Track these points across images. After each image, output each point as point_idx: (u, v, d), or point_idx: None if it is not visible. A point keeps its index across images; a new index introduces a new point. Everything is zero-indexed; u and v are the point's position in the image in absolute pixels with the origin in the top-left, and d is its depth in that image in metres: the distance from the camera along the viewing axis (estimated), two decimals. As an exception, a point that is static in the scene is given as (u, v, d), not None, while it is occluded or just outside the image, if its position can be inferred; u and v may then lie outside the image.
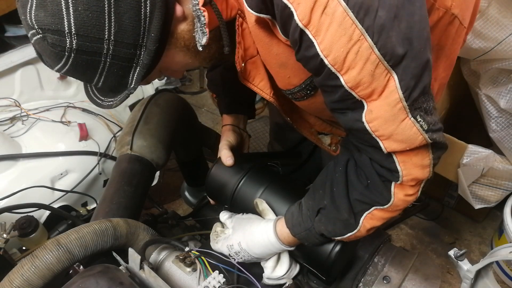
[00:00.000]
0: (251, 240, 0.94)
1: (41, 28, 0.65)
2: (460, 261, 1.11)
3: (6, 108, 1.64)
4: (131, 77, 0.73)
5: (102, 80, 0.73)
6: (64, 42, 0.65)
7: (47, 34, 0.65)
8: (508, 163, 1.86)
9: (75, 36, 0.65)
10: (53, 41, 0.66)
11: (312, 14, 0.62)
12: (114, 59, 0.69)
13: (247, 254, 0.95)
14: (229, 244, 0.96)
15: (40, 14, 0.64)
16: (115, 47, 0.68)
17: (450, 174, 2.04)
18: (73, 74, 0.73)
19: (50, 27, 0.64)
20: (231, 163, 1.06)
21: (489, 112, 1.87)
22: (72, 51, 0.66)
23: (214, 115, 2.91)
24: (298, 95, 0.87)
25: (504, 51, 1.67)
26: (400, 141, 0.70)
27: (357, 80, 0.65)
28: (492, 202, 1.97)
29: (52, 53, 0.67)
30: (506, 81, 1.79)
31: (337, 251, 0.90)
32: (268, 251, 0.94)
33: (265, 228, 0.94)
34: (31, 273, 0.79)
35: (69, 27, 0.64)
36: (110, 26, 0.65)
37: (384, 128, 0.69)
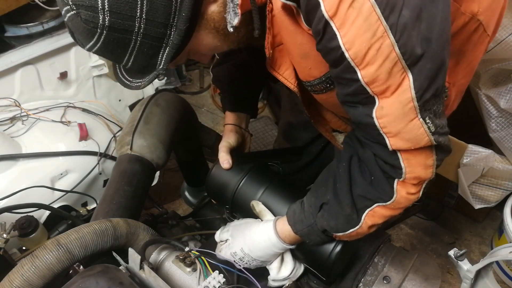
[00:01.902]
0: (252, 243, 0.95)
1: (75, 4, 0.65)
2: (460, 261, 1.11)
3: (6, 108, 1.64)
4: (160, 58, 0.73)
5: (131, 59, 0.73)
6: (97, 18, 0.65)
7: (80, 10, 0.66)
8: (508, 163, 1.86)
9: (108, 12, 0.65)
10: (86, 17, 0.66)
11: (340, 6, 0.62)
12: (144, 38, 0.69)
13: (251, 258, 0.96)
14: (232, 251, 0.98)
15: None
16: (146, 26, 0.68)
17: (450, 174, 2.04)
18: (103, 53, 0.73)
19: (84, 3, 0.65)
20: (228, 166, 1.06)
21: (489, 112, 1.87)
22: (105, 28, 0.67)
23: (214, 115, 2.90)
24: (317, 87, 0.86)
25: (504, 51, 1.66)
26: (406, 139, 0.71)
27: (374, 76, 0.65)
28: (492, 202, 1.97)
29: (85, 29, 0.68)
30: (506, 81, 1.79)
31: (337, 252, 0.90)
32: (270, 252, 0.94)
33: (265, 229, 0.94)
34: (31, 273, 0.79)
35: (103, 4, 0.64)
36: (143, 4, 0.65)
37: (393, 126, 0.70)
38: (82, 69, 1.88)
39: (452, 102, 0.92)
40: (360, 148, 0.80)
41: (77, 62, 1.86)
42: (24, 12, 2.14)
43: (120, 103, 2.06)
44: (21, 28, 2.16)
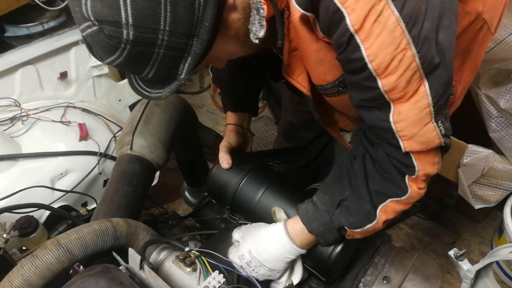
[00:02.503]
0: (260, 245, 0.93)
1: (97, 20, 0.64)
2: (460, 261, 1.11)
3: (6, 108, 1.64)
4: (181, 67, 0.72)
5: (153, 71, 0.72)
6: (121, 33, 0.65)
7: (104, 25, 0.64)
8: (508, 163, 1.86)
9: (132, 27, 0.64)
10: (110, 32, 0.65)
11: (365, 21, 0.64)
12: (167, 50, 0.68)
13: (258, 263, 0.92)
14: (239, 254, 0.95)
15: (96, 5, 0.63)
16: (169, 38, 0.67)
17: (450, 174, 2.04)
18: (124, 66, 0.72)
19: (107, 19, 0.64)
20: (227, 166, 1.06)
21: (489, 112, 1.87)
22: (128, 43, 0.66)
23: (214, 115, 2.90)
24: (330, 91, 0.88)
25: (504, 51, 1.66)
26: (420, 142, 0.74)
27: (394, 85, 0.69)
28: (492, 202, 1.97)
29: (108, 45, 0.67)
30: (506, 81, 1.79)
31: (338, 252, 0.91)
32: (279, 256, 0.91)
33: (274, 229, 0.93)
34: (31, 273, 0.79)
35: (126, 18, 0.63)
36: (166, 16, 0.64)
37: (409, 130, 0.73)
38: (82, 69, 1.88)
39: (457, 99, 0.95)
40: (371, 148, 0.82)
41: (77, 62, 1.86)
42: (24, 12, 2.14)
43: (120, 103, 2.06)
44: (21, 28, 2.16)
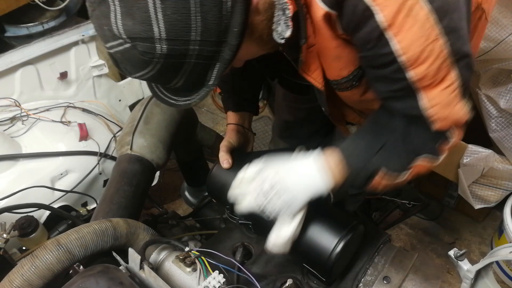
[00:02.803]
0: (292, 167, 0.87)
1: (130, 37, 0.64)
2: (460, 261, 1.11)
3: (6, 108, 1.64)
4: (210, 74, 0.72)
5: (182, 80, 0.72)
6: (154, 48, 0.64)
7: (137, 42, 0.64)
8: (508, 163, 1.86)
9: (164, 41, 0.64)
10: (143, 49, 0.64)
11: (397, 16, 0.66)
12: (198, 59, 0.68)
13: (284, 186, 0.84)
14: (263, 176, 0.87)
15: (128, 23, 0.63)
16: (200, 47, 0.66)
17: (450, 174, 2.04)
18: (154, 79, 0.72)
19: (140, 35, 0.63)
20: (227, 166, 1.06)
21: (489, 112, 1.87)
22: (162, 57, 0.65)
23: (214, 115, 2.91)
24: (343, 85, 0.90)
25: (504, 51, 1.66)
26: (452, 121, 0.78)
27: (423, 74, 0.72)
28: (492, 202, 1.97)
29: (140, 60, 0.67)
30: (506, 81, 1.79)
31: (338, 252, 0.90)
32: (307, 184, 0.85)
33: (309, 156, 0.88)
34: (31, 273, 0.79)
35: (159, 33, 0.63)
36: (197, 26, 0.64)
37: (441, 112, 0.76)
38: (82, 69, 1.88)
39: None
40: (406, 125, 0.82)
41: (77, 62, 1.86)
42: (24, 12, 2.15)
43: (120, 103, 2.06)
44: (21, 28, 2.17)
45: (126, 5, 0.62)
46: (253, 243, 1.09)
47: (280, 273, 1.03)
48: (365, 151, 0.87)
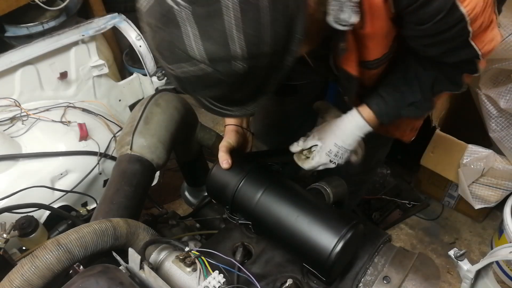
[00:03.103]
0: (344, 134, 1.04)
1: (209, 59, 0.64)
2: (460, 261, 1.11)
3: (6, 108, 1.64)
4: (271, 82, 0.73)
5: (246, 92, 0.72)
6: (234, 66, 0.65)
7: (215, 63, 0.64)
8: (508, 163, 1.86)
9: (244, 59, 0.64)
10: (223, 69, 0.65)
11: None
12: (266, 70, 0.69)
13: (344, 150, 1.05)
14: (326, 151, 1.05)
15: (206, 44, 0.63)
16: (271, 59, 0.67)
17: (450, 174, 2.04)
18: (222, 95, 0.73)
19: (219, 56, 0.63)
20: (227, 166, 1.06)
21: (489, 112, 1.87)
22: (239, 75, 0.66)
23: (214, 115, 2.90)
24: (380, 63, 0.98)
25: (504, 51, 1.66)
26: (493, 49, 0.91)
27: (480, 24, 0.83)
28: (492, 202, 1.98)
29: (218, 81, 0.67)
30: (506, 81, 1.79)
31: (337, 252, 0.90)
32: (357, 138, 1.05)
33: (352, 118, 1.05)
34: (31, 273, 0.79)
35: (235, 51, 0.63)
36: (269, 39, 0.65)
37: (488, 47, 0.89)
38: (82, 69, 1.88)
39: None
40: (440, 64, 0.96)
41: (77, 62, 1.86)
42: (24, 12, 2.15)
43: (120, 103, 2.06)
44: (21, 28, 2.17)
45: (201, 27, 0.62)
46: (253, 243, 1.09)
47: (280, 273, 1.03)
48: (394, 109, 1.04)
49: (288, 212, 0.98)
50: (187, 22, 0.62)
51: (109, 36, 2.46)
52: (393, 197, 2.38)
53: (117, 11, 1.98)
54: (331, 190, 1.17)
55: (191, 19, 0.62)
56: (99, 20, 1.90)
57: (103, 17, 1.91)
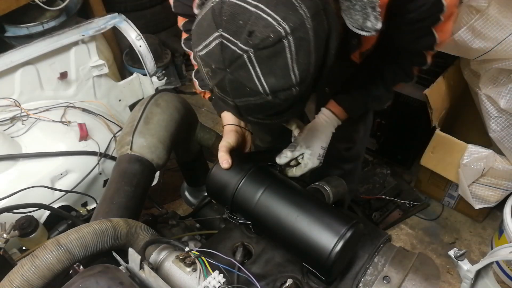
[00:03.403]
0: (327, 137, 1.14)
1: (273, 92, 0.73)
2: (460, 261, 1.11)
3: (6, 108, 1.64)
4: (308, 92, 0.82)
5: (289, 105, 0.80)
6: (292, 93, 0.74)
7: (279, 93, 0.73)
8: (508, 163, 1.86)
9: (298, 84, 0.74)
10: (285, 96, 0.74)
11: None
12: (308, 86, 0.78)
13: (326, 148, 1.15)
14: (317, 156, 1.13)
15: (271, 80, 0.72)
16: (312, 76, 0.76)
17: (450, 174, 2.04)
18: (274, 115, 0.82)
19: (282, 87, 0.73)
20: (227, 166, 1.06)
21: (489, 112, 1.87)
22: (295, 97, 0.76)
23: (214, 115, 2.90)
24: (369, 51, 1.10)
25: (504, 51, 1.66)
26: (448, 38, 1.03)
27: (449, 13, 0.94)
28: (492, 202, 1.98)
29: (276, 105, 0.76)
30: (506, 81, 1.79)
31: (337, 252, 0.90)
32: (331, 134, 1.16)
33: (328, 120, 1.15)
34: (31, 273, 0.79)
35: (296, 80, 0.73)
36: (314, 62, 0.74)
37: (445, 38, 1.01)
38: (82, 69, 1.88)
39: None
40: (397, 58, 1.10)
41: (77, 62, 1.86)
42: (24, 12, 2.15)
43: (120, 103, 2.06)
44: (21, 28, 2.17)
45: (267, 66, 0.71)
46: (253, 243, 1.09)
47: (280, 273, 1.03)
48: (361, 104, 1.16)
49: (288, 211, 0.98)
50: (254, 65, 0.70)
51: (109, 36, 2.46)
52: (393, 197, 2.38)
53: (117, 11, 1.98)
54: (331, 190, 1.17)
55: (257, 61, 0.70)
56: (99, 20, 1.90)
57: (103, 17, 1.91)
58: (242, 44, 0.69)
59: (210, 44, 0.72)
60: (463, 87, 2.13)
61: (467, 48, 1.77)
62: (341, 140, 1.26)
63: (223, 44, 0.70)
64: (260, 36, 0.68)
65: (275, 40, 0.68)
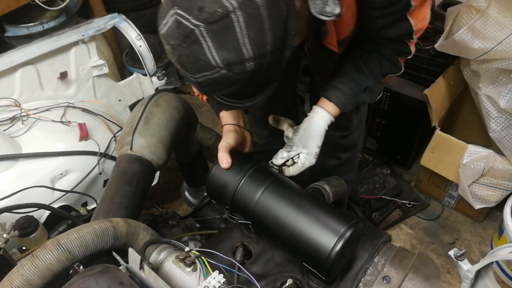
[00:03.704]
0: (321, 136, 1.14)
1: (226, 64, 0.76)
2: (460, 261, 1.11)
3: (6, 108, 1.64)
4: (274, 73, 0.85)
5: (255, 85, 0.84)
6: (246, 67, 0.77)
7: (233, 66, 0.76)
8: (508, 163, 1.86)
9: (252, 59, 0.76)
10: (238, 70, 0.77)
11: None
12: (271, 65, 0.80)
13: (320, 146, 1.14)
14: (313, 155, 1.13)
15: (222, 53, 0.75)
16: (272, 55, 0.79)
17: (450, 174, 2.04)
18: (237, 91, 0.83)
19: (234, 60, 0.75)
20: (227, 166, 1.06)
21: (489, 112, 1.87)
22: (250, 72, 0.78)
23: (214, 115, 2.88)
24: (349, 39, 1.11)
25: (504, 51, 1.66)
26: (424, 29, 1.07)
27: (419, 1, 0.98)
28: (492, 202, 1.98)
29: (233, 80, 0.79)
30: (506, 81, 1.79)
31: (337, 251, 0.91)
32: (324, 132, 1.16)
33: (322, 119, 1.15)
34: (31, 273, 0.79)
35: (248, 54, 0.75)
36: (270, 39, 0.77)
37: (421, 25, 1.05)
38: (82, 69, 1.88)
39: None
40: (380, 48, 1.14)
41: (77, 62, 1.86)
42: (24, 12, 2.15)
43: (120, 103, 2.07)
44: (21, 28, 2.17)
45: (218, 40, 0.74)
46: (253, 243, 1.09)
47: (280, 273, 1.03)
48: (352, 96, 1.16)
49: (287, 211, 0.98)
50: (205, 39, 0.74)
51: (109, 36, 2.46)
52: (393, 197, 2.38)
53: (117, 11, 1.98)
54: (331, 190, 1.17)
55: (208, 35, 0.73)
56: (99, 20, 1.90)
57: (103, 17, 1.91)
58: (194, 19, 0.73)
59: (168, 22, 0.77)
60: (463, 87, 2.13)
61: (467, 48, 1.77)
62: (335, 129, 1.26)
63: (178, 21, 0.75)
64: (209, 11, 0.72)
65: (222, 15, 0.72)
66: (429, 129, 2.02)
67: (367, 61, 1.16)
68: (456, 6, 1.88)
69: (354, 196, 2.35)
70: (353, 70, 1.17)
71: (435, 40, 2.00)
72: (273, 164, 1.14)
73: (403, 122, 2.30)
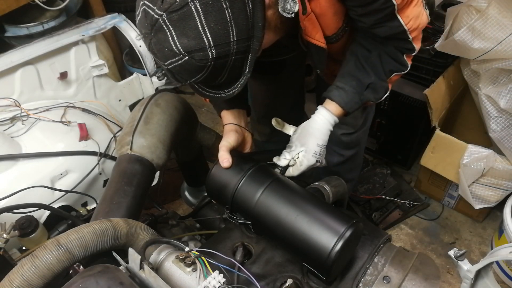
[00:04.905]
0: (321, 134, 1.14)
1: (187, 52, 0.80)
2: (460, 261, 1.11)
3: (6, 108, 1.64)
4: (245, 65, 0.89)
5: (226, 75, 0.88)
6: (207, 55, 0.81)
7: (194, 54, 0.81)
8: (508, 163, 1.86)
9: (213, 47, 0.80)
10: (199, 57, 0.81)
11: None
12: (237, 55, 0.85)
13: (323, 147, 1.14)
14: (312, 153, 1.12)
15: (183, 41, 0.79)
16: (237, 45, 0.83)
17: (450, 174, 2.04)
18: (206, 80, 0.88)
19: (195, 47, 0.80)
20: (227, 165, 1.07)
21: (489, 112, 1.87)
22: (212, 60, 0.82)
23: (214, 115, 2.90)
24: (338, 36, 1.14)
25: (504, 51, 1.67)
26: (420, 28, 1.09)
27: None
28: (492, 202, 1.98)
29: (197, 67, 0.83)
30: (506, 81, 1.79)
31: (337, 251, 0.91)
32: (328, 132, 1.16)
33: (324, 119, 1.15)
34: (31, 273, 0.79)
35: (208, 42, 0.80)
36: (232, 29, 0.81)
37: (414, 23, 1.05)
38: (82, 69, 1.88)
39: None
40: (381, 45, 1.13)
41: (77, 62, 1.86)
42: (24, 12, 2.15)
43: (120, 103, 2.07)
44: (21, 28, 2.17)
45: (179, 29, 0.79)
46: (253, 243, 1.09)
47: (280, 273, 1.03)
48: (354, 95, 1.15)
49: (287, 211, 0.98)
50: (168, 27, 0.79)
51: (109, 36, 2.46)
52: (393, 197, 2.38)
53: (117, 11, 1.98)
54: (331, 190, 1.17)
55: (170, 24, 0.78)
56: (99, 20, 1.90)
57: (103, 17, 1.91)
58: (158, 9, 0.78)
59: (139, 13, 0.83)
60: (463, 87, 2.14)
61: (467, 48, 1.77)
62: (339, 126, 1.26)
63: (145, 11, 0.81)
64: (169, 1, 0.77)
65: (181, 4, 0.77)
66: (429, 129, 2.02)
67: (367, 58, 1.16)
68: (456, 6, 1.89)
69: (354, 196, 2.35)
70: (354, 68, 1.17)
71: (435, 40, 2.00)
72: (278, 166, 1.14)
73: (403, 122, 2.31)
